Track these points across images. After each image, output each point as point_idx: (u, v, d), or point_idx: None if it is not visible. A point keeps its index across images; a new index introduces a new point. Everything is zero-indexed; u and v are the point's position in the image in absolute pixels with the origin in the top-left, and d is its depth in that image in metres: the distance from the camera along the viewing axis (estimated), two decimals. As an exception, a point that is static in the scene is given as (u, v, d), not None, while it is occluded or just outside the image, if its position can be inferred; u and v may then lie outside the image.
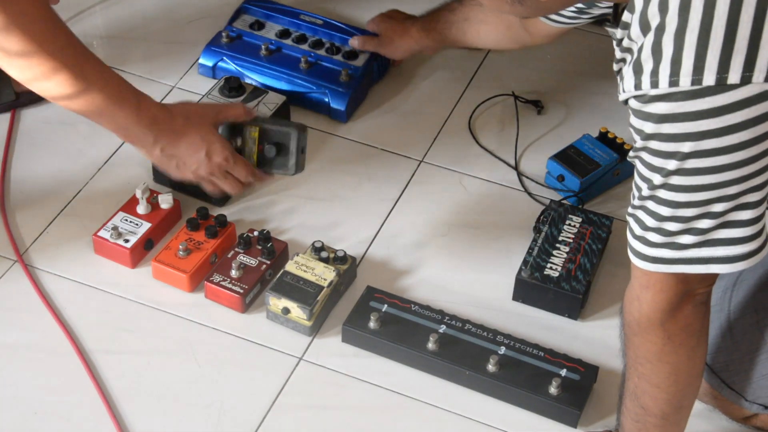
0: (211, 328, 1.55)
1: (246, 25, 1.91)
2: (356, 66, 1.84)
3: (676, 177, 1.07)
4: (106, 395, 1.46)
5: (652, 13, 1.03)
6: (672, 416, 1.27)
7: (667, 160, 1.07)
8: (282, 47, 1.87)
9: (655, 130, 1.06)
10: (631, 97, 1.07)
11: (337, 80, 1.82)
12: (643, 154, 1.09)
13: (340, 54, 1.86)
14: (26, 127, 1.82)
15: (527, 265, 1.58)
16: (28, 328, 1.54)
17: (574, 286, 1.55)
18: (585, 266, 1.58)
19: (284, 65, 1.84)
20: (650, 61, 1.03)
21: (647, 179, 1.10)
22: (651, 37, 1.03)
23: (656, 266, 1.14)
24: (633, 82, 1.06)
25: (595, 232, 1.62)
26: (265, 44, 1.86)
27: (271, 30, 1.90)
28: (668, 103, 1.03)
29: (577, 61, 1.98)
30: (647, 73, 1.04)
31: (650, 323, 1.19)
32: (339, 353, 1.53)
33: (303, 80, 1.82)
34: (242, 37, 1.89)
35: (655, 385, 1.24)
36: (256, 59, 1.85)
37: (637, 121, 1.07)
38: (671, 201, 1.09)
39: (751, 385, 1.38)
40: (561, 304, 1.56)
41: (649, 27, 1.04)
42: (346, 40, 1.87)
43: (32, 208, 1.70)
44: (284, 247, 1.62)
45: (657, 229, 1.12)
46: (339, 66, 1.84)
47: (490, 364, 1.47)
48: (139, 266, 1.62)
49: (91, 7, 2.06)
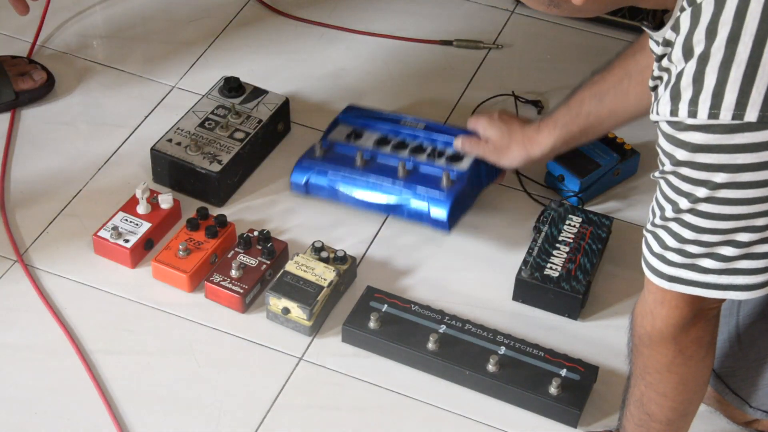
0: (211, 328, 1.55)
1: (342, 136, 1.73)
2: (460, 170, 1.64)
3: (705, 204, 1.05)
4: (106, 395, 1.46)
5: (697, 38, 1.00)
6: (676, 422, 1.27)
7: (697, 187, 1.04)
8: (377, 156, 1.68)
9: (688, 158, 1.03)
10: (664, 121, 1.04)
11: (438, 187, 1.62)
12: (672, 177, 1.06)
13: (443, 158, 1.67)
14: (26, 126, 1.82)
15: (527, 265, 1.58)
16: (28, 328, 1.54)
17: (574, 286, 1.55)
18: (585, 266, 1.58)
19: (380, 174, 1.65)
20: (690, 89, 1.00)
21: (673, 201, 1.08)
22: (693, 65, 1.00)
23: (672, 285, 1.13)
24: (669, 107, 1.02)
25: (595, 232, 1.62)
26: (360, 153, 1.67)
27: (369, 139, 1.71)
28: (705, 134, 1.01)
29: (577, 61, 1.98)
30: (685, 101, 1.01)
31: (662, 337, 1.18)
32: (339, 353, 1.53)
33: (400, 189, 1.63)
34: (335, 148, 1.70)
35: (662, 394, 1.24)
36: (349, 171, 1.66)
37: (669, 146, 1.04)
38: (696, 226, 1.07)
39: (757, 392, 1.38)
40: (561, 304, 1.56)
41: (692, 53, 1.00)
42: (450, 143, 1.68)
43: (32, 208, 1.70)
44: (284, 247, 1.62)
45: (678, 250, 1.10)
46: (440, 170, 1.64)
47: (490, 364, 1.47)
48: (139, 266, 1.62)
49: (91, 6, 2.06)
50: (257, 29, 2.03)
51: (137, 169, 1.76)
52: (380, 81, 1.93)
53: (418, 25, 2.04)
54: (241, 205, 1.72)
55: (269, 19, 2.06)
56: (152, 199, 1.65)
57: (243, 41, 2.00)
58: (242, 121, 1.74)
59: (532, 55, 1.99)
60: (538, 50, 2.00)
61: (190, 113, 1.76)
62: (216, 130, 1.73)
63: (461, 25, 2.05)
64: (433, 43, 2.00)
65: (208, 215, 1.64)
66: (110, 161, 1.77)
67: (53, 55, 1.95)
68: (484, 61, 1.98)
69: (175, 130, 1.73)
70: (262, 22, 2.05)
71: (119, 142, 1.80)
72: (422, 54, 1.99)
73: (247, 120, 1.75)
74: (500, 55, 1.99)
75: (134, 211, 1.64)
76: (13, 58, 1.88)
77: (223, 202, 1.71)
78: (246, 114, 1.76)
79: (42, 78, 1.85)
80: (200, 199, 1.70)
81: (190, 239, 1.61)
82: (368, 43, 2.01)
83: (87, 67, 1.93)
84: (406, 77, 1.94)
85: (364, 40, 2.01)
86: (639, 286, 1.61)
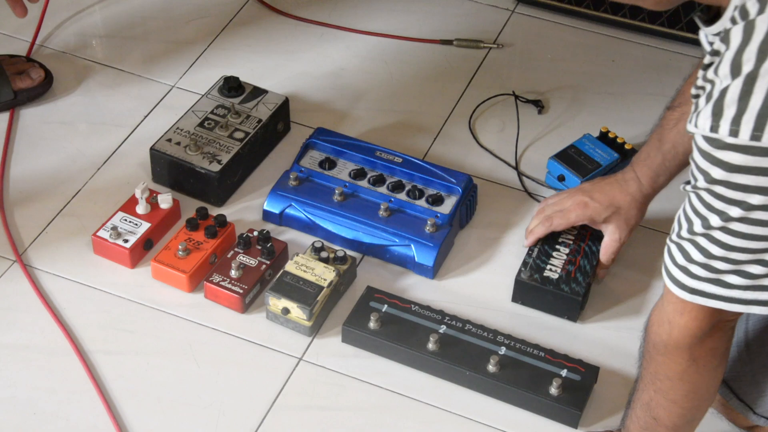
0: (211, 328, 1.55)
1: (315, 163, 1.70)
2: (443, 213, 1.63)
3: (738, 224, 1.04)
4: (106, 395, 1.46)
5: (747, 56, 0.98)
6: (682, 428, 1.27)
7: (731, 207, 1.03)
8: (358, 191, 1.66)
9: (725, 177, 1.02)
10: (701, 136, 1.02)
11: (422, 231, 1.61)
12: (704, 194, 1.05)
13: (424, 198, 1.65)
14: (25, 126, 1.82)
15: (527, 266, 1.57)
16: (27, 328, 1.54)
17: (574, 288, 1.55)
18: (585, 268, 1.57)
19: (361, 213, 1.63)
20: (734, 107, 0.99)
21: (703, 217, 1.06)
22: (740, 83, 0.98)
23: (694, 297, 1.12)
24: (709, 123, 1.00)
25: (596, 233, 1.61)
26: (339, 188, 1.64)
27: (344, 169, 1.69)
28: (745, 155, 0.99)
29: (577, 61, 1.98)
30: (727, 119, 0.99)
31: (678, 346, 1.18)
32: (339, 353, 1.52)
33: (384, 231, 1.61)
34: (312, 178, 1.68)
35: (672, 401, 1.24)
36: (328, 205, 1.64)
37: (704, 162, 1.03)
38: (726, 243, 1.06)
39: (762, 398, 1.38)
40: (560, 306, 1.56)
41: (741, 71, 0.99)
42: (429, 181, 1.66)
43: (31, 207, 1.69)
44: (284, 247, 1.62)
45: (704, 265, 1.09)
46: (424, 214, 1.63)
47: (491, 365, 1.46)
48: (139, 266, 1.62)
49: (90, 6, 2.05)
50: (257, 29, 2.03)
51: (136, 168, 1.75)
52: (380, 81, 1.93)
53: (418, 25, 2.04)
54: (241, 205, 1.71)
55: (269, 19, 2.05)
56: (152, 199, 1.65)
57: (243, 41, 1.99)
58: (242, 120, 1.74)
59: (532, 54, 1.99)
60: (539, 50, 2.00)
61: (189, 113, 1.76)
62: (215, 129, 1.72)
63: (462, 24, 2.04)
64: (434, 43, 2.00)
65: (208, 215, 1.63)
66: (109, 161, 1.77)
67: (52, 54, 1.95)
68: (485, 60, 1.98)
69: (175, 130, 1.73)
70: (262, 22, 2.04)
71: (118, 141, 1.80)
72: (422, 54, 1.99)
73: (247, 120, 1.74)
74: (501, 54, 1.99)
75: (133, 211, 1.64)
76: (11, 57, 1.88)
77: (222, 202, 1.71)
78: (246, 114, 1.75)
79: (40, 76, 1.85)
80: (200, 199, 1.70)
81: (190, 239, 1.60)
82: (368, 43, 2.00)
83: (86, 67, 1.92)
84: (406, 77, 1.94)
85: (364, 39, 2.01)
86: (639, 287, 1.62)
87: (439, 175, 1.67)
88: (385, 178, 1.68)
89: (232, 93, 1.78)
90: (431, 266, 1.60)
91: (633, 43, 2.02)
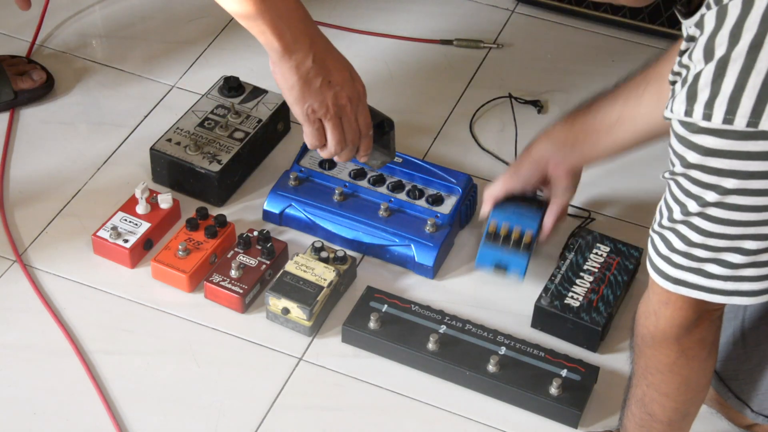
0: (211, 328, 1.55)
1: (315, 163, 1.70)
2: (443, 213, 1.63)
3: (714, 209, 1.05)
4: (106, 395, 1.46)
5: (720, 40, 0.99)
6: (677, 423, 1.27)
7: (706, 191, 1.04)
8: (358, 191, 1.66)
9: (699, 161, 1.02)
10: (677, 120, 1.03)
11: (422, 231, 1.61)
12: (682, 179, 1.06)
13: (424, 198, 1.65)
14: (25, 126, 1.82)
15: (548, 292, 1.53)
16: (27, 328, 1.54)
17: (594, 317, 1.50)
18: (608, 298, 1.53)
19: (361, 212, 1.64)
20: (707, 91, 0.99)
21: (681, 203, 1.07)
22: (712, 67, 0.99)
23: (677, 287, 1.12)
24: (684, 107, 1.01)
25: (622, 263, 1.57)
26: (339, 188, 1.65)
27: (344, 168, 1.69)
28: (718, 138, 1.00)
29: (577, 61, 1.98)
30: (701, 103, 1.00)
31: (665, 338, 1.18)
32: (339, 353, 1.52)
33: (384, 231, 1.62)
34: (312, 178, 1.68)
35: (665, 395, 1.24)
36: (328, 205, 1.64)
37: (680, 147, 1.04)
38: (703, 229, 1.07)
39: (759, 396, 1.38)
40: (579, 335, 1.52)
41: (713, 55, 0.99)
42: (429, 181, 1.67)
43: (31, 207, 1.69)
44: (284, 247, 1.62)
45: (685, 253, 1.09)
46: (424, 214, 1.63)
47: (491, 365, 1.46)
48: (139, 266, 1.62)
49: (90, 6, 2.05)
50: (257, 29, 2.02)
51: (137, 168, 1.75)
52: (380, 81, 1.92)
53: (418, 25, 2.04)
54: (241, 205, 1.71)
55: (269, 19, 2.05)
56: (152, 199, 1.65)
57: (242, 41, 1.99)
58: (242, 120, 1.74)
59: (532, 54, 1.99)
60: (539, 50, 2.00)
61: (189, 113, 1.76)
62: (215, 129, 1.72)
63: (461, 24, 2.04)
64: (434, 43, 2.00)
65: (208, 215, 1.63)
66: (109, 161, 1.77)
67: (52, 54, 1.95)
68: (485, 60, 1.98)
69: (175, 130, 1.73)
70: (262, 22, 2.04)
71: (118, 141, 1.80)
72: (422, 54, 1.99)
73: (247, 119, 1.74)
74: (501, 54, 1.99)
75: (134, 211, 1.64)
76: (12, 58, 1.88)
77: (222, 201, 1.71)
78: (246, 113, 1.75)
79: (41, 78, 1.85)
80: (200, 199, 1.70)
81: (190, 239, 1.60)
82: (368, 43, 2.00)
83: (86, 67, 1.92)
84: (406, 77, 1.94)
85: (364, 39, 2.01)
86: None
87: (439, 175, 1.67)
88: (385, 178, 1.68)
89: (232, 93, 1.78)
90: (431, 266, 1.60)
91: (633, 43, 2.02)
